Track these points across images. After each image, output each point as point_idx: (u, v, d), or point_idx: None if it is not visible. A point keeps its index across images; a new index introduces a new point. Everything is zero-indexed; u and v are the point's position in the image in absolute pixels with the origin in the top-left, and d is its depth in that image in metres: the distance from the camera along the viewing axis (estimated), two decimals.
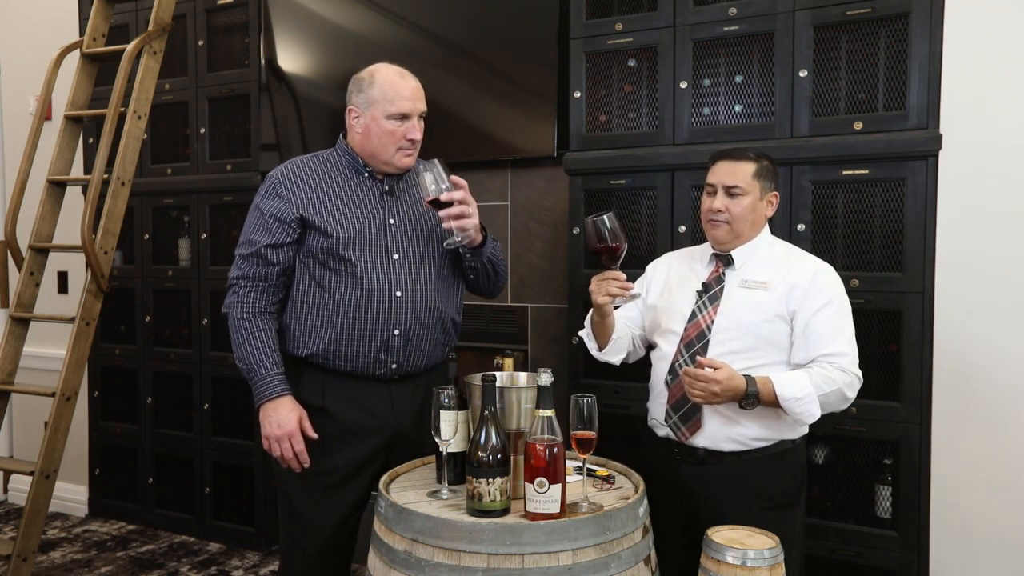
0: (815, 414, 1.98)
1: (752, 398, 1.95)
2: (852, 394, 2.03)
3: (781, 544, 1.72)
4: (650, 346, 2.29)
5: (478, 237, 2.15)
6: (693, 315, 2.12)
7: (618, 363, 2.29)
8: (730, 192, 2.09)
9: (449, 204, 2.04)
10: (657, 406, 2.18)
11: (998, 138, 2.44)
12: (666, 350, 2.16)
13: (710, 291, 2.13)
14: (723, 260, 2.15)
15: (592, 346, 2.28)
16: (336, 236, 2.13)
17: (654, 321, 2.24)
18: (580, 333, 2.33)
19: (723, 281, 2.13)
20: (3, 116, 4.41)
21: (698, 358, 2.00)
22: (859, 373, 2.04)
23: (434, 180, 2.03)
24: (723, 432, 2.06)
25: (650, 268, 2.35)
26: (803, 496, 2.19)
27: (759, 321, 2.05)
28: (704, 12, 2.71)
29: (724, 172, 2.10)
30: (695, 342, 2.09)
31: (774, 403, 1.97)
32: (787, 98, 2.61)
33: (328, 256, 2.14)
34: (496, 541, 1.63)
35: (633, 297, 2.12)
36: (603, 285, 2.06)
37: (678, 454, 2.14)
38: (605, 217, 2.02)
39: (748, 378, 1.96)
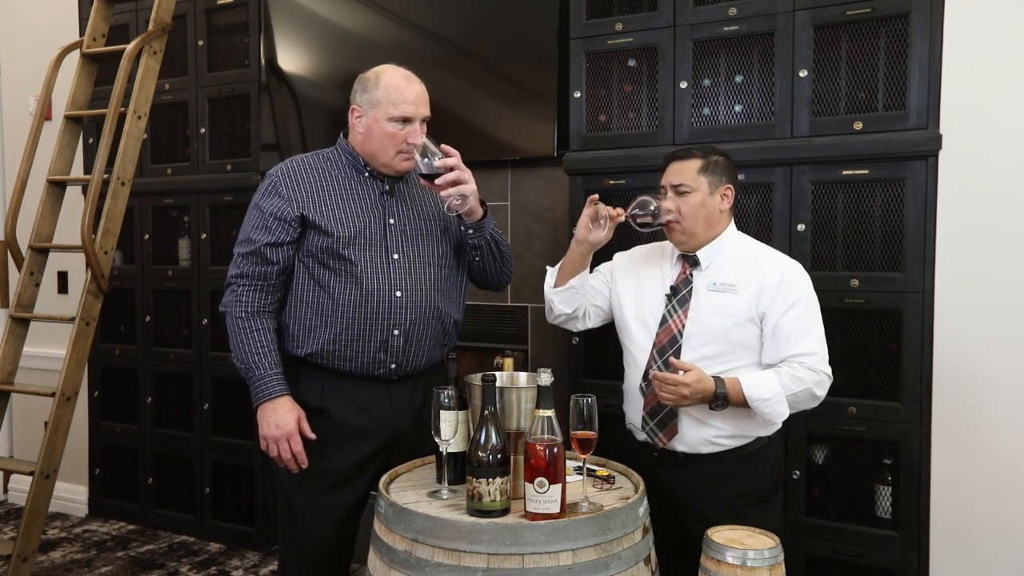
0: (783, 414, 2.00)
1: (721, 399, 1.97)
2: (822, 392, 2.04)
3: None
4: (620, 345, 2.27)
5: (478, 209, 2.14)
6: (664, 320, 2.12)
7: (558, 312, 2.24)
8: (678, 191, 2.10)
9: (443, 169, 2.02)
10: (633, 412, 2.19)
11: (998, 138, 2.44)
12: (638, 355, 2.16)
13: (679, 294, 2.13)
14: (689, 261, 2.15)
15: (550, 281, 2.25)
16: (336, 235, 2.13)
17: (623, 322, 2.23)
18: (549, 267, 2.29)
19: (691, 283, 2.13)
20: (3, 116, 4.41)
21: (671, 360, 2.01)
22: (828, 371, 2.05)
23: (424, 154, 2.02)
24: (698, 435, 2.08)
25: (618, 257, 2.33)
26: (780, 490, 2.22)
27: (730, 326, 2.06)
28: (704, 12, 2.71)
29: (672, 172, 2.13)
30: (667, 347, 2.09)
31: (743, 404, 1.98)
32: (787, 98, 2.61)
33: (328, 255, 2.14)
34: (496, 541, 1.63)
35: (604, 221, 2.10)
36: (602, 210, 2.07)
37: (657, 458, 2.14)
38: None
39: (717, 380, 1.97)
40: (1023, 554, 2.44)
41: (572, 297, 2.21)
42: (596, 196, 2.10)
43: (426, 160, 2.02)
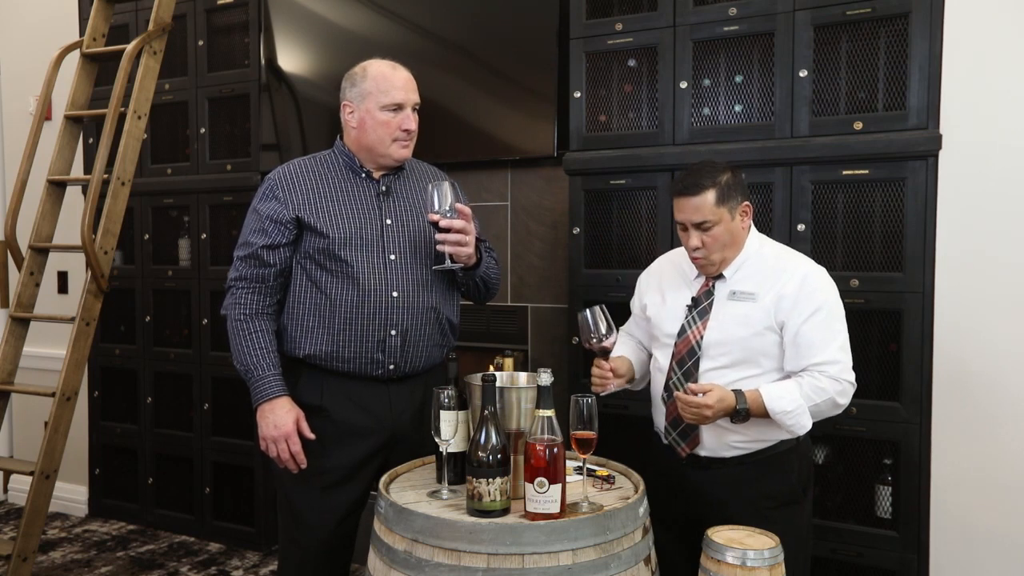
0: (806, 425, 1.98)
1: (742, 413, 1.95)
2: (845, 401, 2.01)
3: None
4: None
5: (472, 261, 2.15)
6: (682, 331, 2.10)
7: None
8: (701, 227, 2.04)
9: (448, 229, 2.04)
10: (658, 417, 2.18)
11: (998, 138, 2.43)
12: (662, 363, 2.15)
13: (699, 306, 2.10)
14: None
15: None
16: (332, 237, 2.13)
17: (650, 330, 2.23)
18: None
19: (712, 294, 2.10)
20: (3, 116, 4.41)
21: (688, 384, 1.99)
22: (852, 379, 2.02)
23: (439, 201, 2.04)
24: (719, 441, 2.07)
25: (643, 279, 2.31)
26: (810, 492, 2.18)
27: (749, 335, 2.03)
28: (704, 12, 2.71)
29: (688, 210, 2.04)
30: (686, 359, 2.08)
31: (765, 415, 1.96)
32: (787, 98, 2.61)
33: (324, 257, 2.14)
34: (496, 541, 1.63)
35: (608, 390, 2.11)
36: (593, 372, 2.10)
37: (684, 460, 2.13)
38: (599, 309, 2.01)
39: (738, 394, 1.95)
40: (1023, 554, 2.44)
41: (645, 376, 2.26)
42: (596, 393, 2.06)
43: (439, 207, 2.04)
